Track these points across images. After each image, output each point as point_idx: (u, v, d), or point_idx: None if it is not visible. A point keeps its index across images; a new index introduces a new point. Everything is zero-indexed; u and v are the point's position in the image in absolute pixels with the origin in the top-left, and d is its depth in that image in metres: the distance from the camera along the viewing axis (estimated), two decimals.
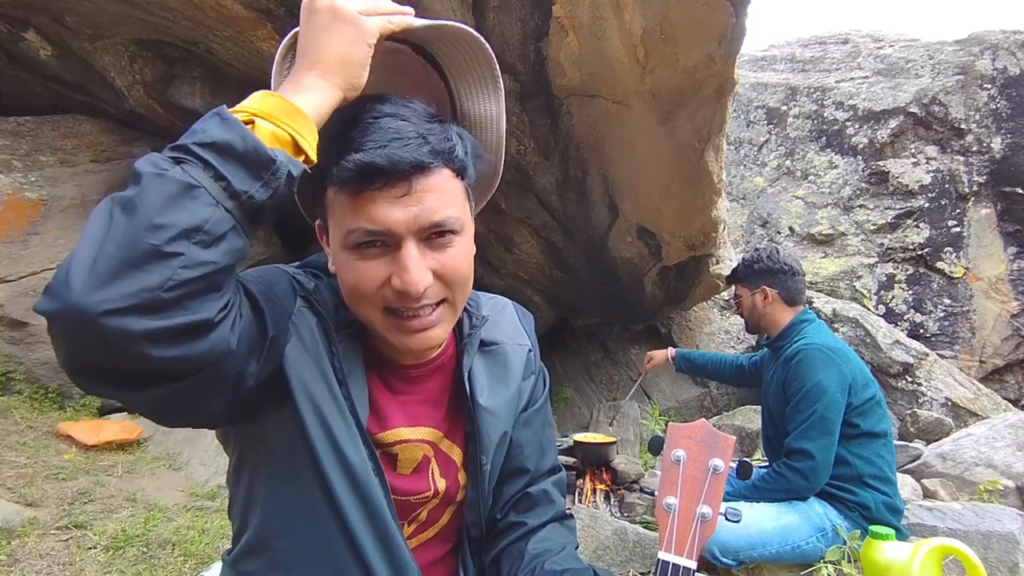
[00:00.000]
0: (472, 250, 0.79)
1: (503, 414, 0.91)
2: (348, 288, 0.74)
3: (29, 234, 3.23)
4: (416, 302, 0.72)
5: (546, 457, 1.00)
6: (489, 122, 0.85)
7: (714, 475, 0.82)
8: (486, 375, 0.90)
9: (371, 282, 0.71)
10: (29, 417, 2.98)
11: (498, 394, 0.90)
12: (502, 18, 2.54)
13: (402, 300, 0.71)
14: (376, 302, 0.73)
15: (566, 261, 4.25)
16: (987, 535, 2.16)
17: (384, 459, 0.82)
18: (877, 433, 2.02)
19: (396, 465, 0.85)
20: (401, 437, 0.84)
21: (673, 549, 0.78)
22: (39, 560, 1.95)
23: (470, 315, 0.93)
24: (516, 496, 0.95)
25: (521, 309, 1.03)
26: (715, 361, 2.77)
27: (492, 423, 0.89)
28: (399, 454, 0.85)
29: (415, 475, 0.86)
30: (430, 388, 0.88)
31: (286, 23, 2.62)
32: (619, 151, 3.21)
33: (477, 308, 0.95)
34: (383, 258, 0.71)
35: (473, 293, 0.96)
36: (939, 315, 5.48)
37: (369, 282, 0.71)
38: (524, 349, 0.98)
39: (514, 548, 0.91)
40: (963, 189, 5.60)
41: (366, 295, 0.72)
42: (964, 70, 5.77)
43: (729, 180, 6.50)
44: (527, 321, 1.02)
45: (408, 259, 0.69)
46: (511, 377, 0.93)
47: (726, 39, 2.53)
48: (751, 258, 2.35)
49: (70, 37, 3.33)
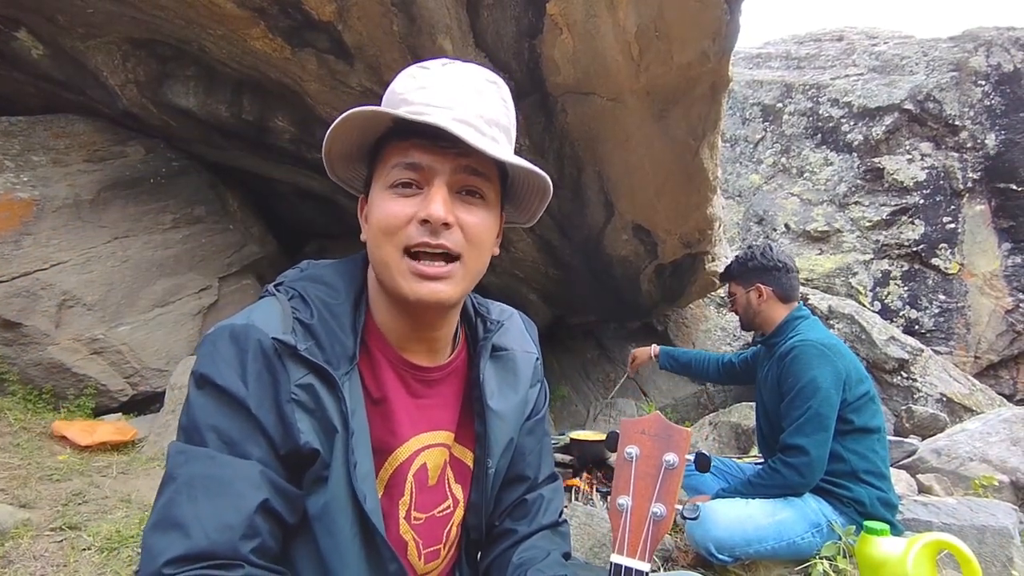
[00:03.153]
0: (494, 229, 0.83)
1: (511, 419, 0.92)
2: (379, 226, 0.76)
3: (22, 234, 3.21)
4: (435, 237, 0.74)
5: (544, 465, 1.02)
6: None
7: (668, 471, 0.79)
8: (496, 380, 0.91)
9: (399, 217, 0.74)
10: (23, 418, 2.97)
11: (507, 399, 0.92)
12: (496, 16, 2.53)
13: (423, 233, 0.73)
14: (399, 240, 0.75)
15: (562, 259, 4.25)
16: (981, 530, 2.16)
17: (417, 475, 0.84)
18: (871, 429, 2.03)
19: (427, 475, 0.86)
20: (424, 443, 0.85)
21: (626, 551, 0.76)
22: (33, 562, 1.94)
23: (484, 320, 0.94)
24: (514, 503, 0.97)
25: (526, 319, 1.05)
26: (699, 359, 2.77)
27: (501, 427, 0.90)
28: (427, 462, 0.85)
29: (438, 485, 0.88)
30: (445, 392, 0.89)
31: (279, 21, 2.61)
32: (614, 149, 3.21)
33: (489, 314, 0.96)
34: (415, 198, 0.75)
35: (483, 300, 0.98)
36: (934, 311, 5.49)
37: (397, 217, 0.74)
38: (532, 357, 0.99)
39: (502, 558, 0.92)
40: (958, 185, 5.62)
41: (392, 230, 0.75)
42: (958, 67, 5.79)
43: (725, 177, 6.50)
44: (532, 330, 1.04)
45: (436, 192, 0.74)
46: (520, 383, 0.95)
47: (720, 36, 2.53)
48: (745, 256, 2.35)
49: (62, 36, 3.30)
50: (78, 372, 3.23)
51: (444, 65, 0.78)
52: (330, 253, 4.98)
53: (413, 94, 0.75)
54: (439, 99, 0.74)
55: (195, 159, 4.15)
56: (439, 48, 2.58)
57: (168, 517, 0.64)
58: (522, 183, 0.86)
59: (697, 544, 1.98)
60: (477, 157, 0.75)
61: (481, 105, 0.76)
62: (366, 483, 0.76)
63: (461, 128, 0.71)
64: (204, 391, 0.70)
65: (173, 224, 3.82)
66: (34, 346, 3.14)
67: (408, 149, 0.75)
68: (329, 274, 0.84)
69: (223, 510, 0.65)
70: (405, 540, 0.84)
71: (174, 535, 0.63)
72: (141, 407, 3.48)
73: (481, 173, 0.77)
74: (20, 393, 3.14)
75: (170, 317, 3.61)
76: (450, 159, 0.74)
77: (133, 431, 3.08)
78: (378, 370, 0.83)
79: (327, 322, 0.78)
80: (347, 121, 0.73)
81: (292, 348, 0.73)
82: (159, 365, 3.48)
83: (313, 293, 0.80)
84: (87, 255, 3.37)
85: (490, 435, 0.88)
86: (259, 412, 0.70)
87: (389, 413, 0.82)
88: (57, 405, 3.23)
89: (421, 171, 0.74)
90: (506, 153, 0.77)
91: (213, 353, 0.72)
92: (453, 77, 0.77)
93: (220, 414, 0.69)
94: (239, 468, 0.67)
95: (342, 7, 2.47)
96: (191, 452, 0.68)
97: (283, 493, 0.70)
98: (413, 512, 0.84)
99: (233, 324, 0.74)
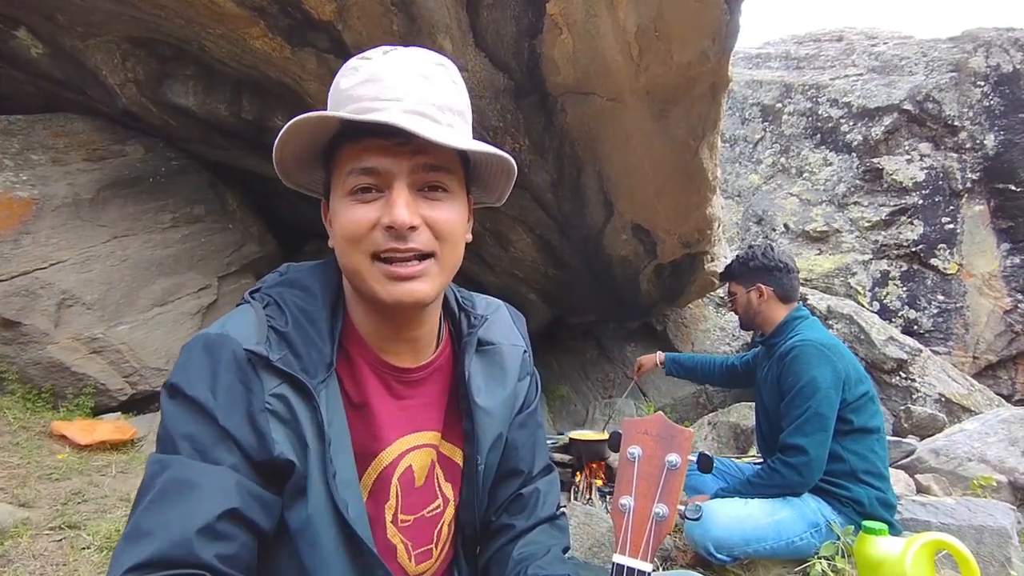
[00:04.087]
0: (463, 220, 0.80)
1: (499, 414, 0.91)
2: (343, 234, 0.74)
3: (21, 233, 3.20)
4: (403, 242, 0.72)
5: (539, 458, 1.00)
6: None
7: (670, 471, 0.78)
8: (483, 375, 0.90)
9: (363, 224, 0.72)
10: (22, 417, 2.96)
11: (494, 394, 0.90)
12: (496, 16, 2.54)
13: (390, 239, 0.72)
14: (366, 247, 0.73)
15: (562, 259, 4.25)
16: (980, 530, 2.17)
17: (403, 478, 0.83)
18: (870, 429, 2.03)
19: (414, 477, 0.85)
20: (409, 445, 0.84)
21: (628, 551, 0.76)
22: (32, 561, 1.94)
23: (468, 315, 0.92)
24: (510, 498, 0.96)
25: (513, 310, 1.03)
26: (704, 363, 2.78)
27: (488, 423, 0.89)
28: (413, 463, 0.85)
29: (426, 485, 0.87)
30: (429, 391, 0.88)
31: (279, 21, 2.61)
32: (614, 149, 3.21)
33: (474, 308, 0.95)
34: (376, 203, 0.73)
35: (468, 293, 0.97)
36: (933, 311, 5.50)
37: (360, 224, 0.72)
38: (519, 350, 0.98)
39: (501, 553, 0.91)
40: (957, 186, 5.62)
41: (357, 237, 0.73)
42: (958, 67, 5.79)
43: (724, 177, 6.50)
44: (520, 322, 1.02)
45: (397, 196, 0.71)
46: (507, 378, 0.93)
47: (720, 36, 2.53)
48: (746, 255, 2.35)
49: (61, 35, 3.30)
50: (77, 371, 3.22)
51: (386, 53, 0.75)
52: (329, 253, 4.96)
53: (359, 89, 0.72)
54: (387, 92, 0.71)
55: (194, 158, 4.15)
56: (439, 48, 2.58)
57: (137, 526, 0.63)
58: (486, 164, 0.83)
59: (696, 544, 1.99)
60: (435, 152, 0.72)
61: (431, 91, 0.73)
62: (348, 491, 0.75)
63: (414, 120, 0.69)
64: (175, 401, 0.70)
65: (172, 223, 3.82)
66: (33, 345, 3.14)
67: (361, 153, 0.72)
68: (306, 278, 0.82)
69: (188, 516, 0.63)
70: (393, 544, 0.83)
71: (141, 543, 0.62)
72: (140, 406, 3.48)
73: (441, 167, 0.74)
74: (19, 392, 3.13)
75: (169, 316, 3.61)
76: (407, 158, 0.72)
77: (132, 430, 3.08)
78: (358, 374, 0.81)
79: (303, 328, 0.76)
80: (294, 129, 0.70)
81: (265, 359, 0.71)
82: (158, 364, 3.48)
83: (289, 299, 0.79)
84: (86, 254, 3.37)
85: (478, 432, 0.87)
86: (227, 423, 0.68)
87: (370, 418, 0.81)
88: (56, 404, 3.23)
89: (378, 175, 0.72)
90: (464, 139, 0.75)
91: (186, 364, 0.71)
92: (398, 65, 0.73)
93: (191, 423, 0.68)
94: (210, 474, 0.66)
95: (342, 7, 2.47)
96: (165, 461, 0.67)
97: (258, 499, 0.68)
98: (400, 515, 0.83)
99: (208, 334, 0.73)
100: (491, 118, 2.97)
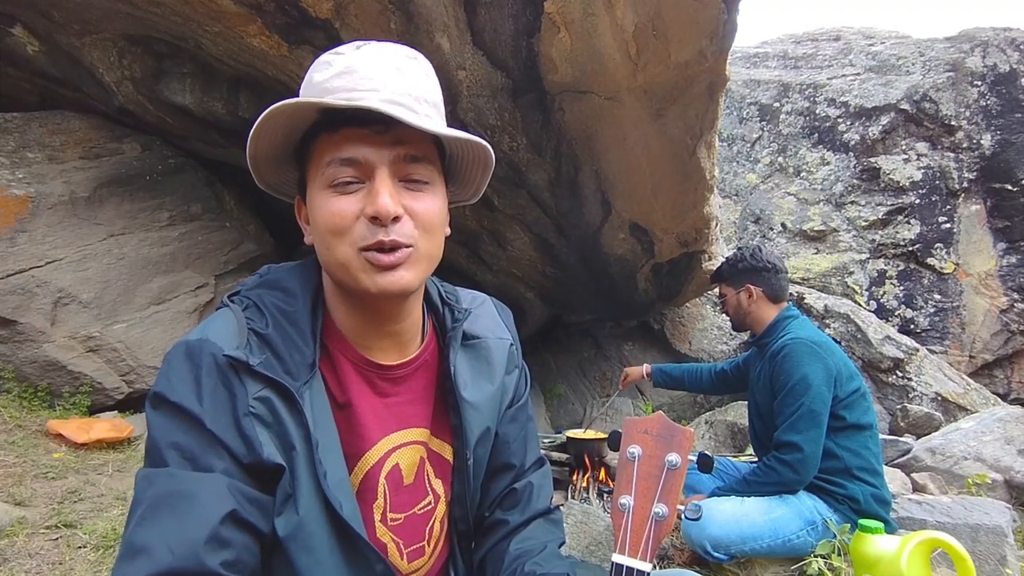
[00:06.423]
0: (444, 212, 0.80)
1: (486, 408, 0.90)
2: (327, 227, 0.73)
3: (17, 231, 3.19)
4: (387, 234, 0.71)
5: (531, 451, 1.00)
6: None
7: (670, 471, 0.78)
8: (469, 369, 0.90)
9: (346, 215, 0.72)
10: (18, 416, 2.96)
11: (481, 388, 0.90)
12: (493, 14, 2.53)
13: (374, 231, 0.71)
14: (352, 239, 0.72)
15: (559, 258, 4.25)
16: (975, 528, 2.18)
17: (390, 476, 0.83)
18: (863, 425, 2.04)
19: (402, 475, 0.84)
20: (395, 443, 0.84)
21: (627, 551, 0.76)
22: (28, 559, 1.94)
23: (452, 309, 0.92)
24: (503, 492, 0.95)
25: (499, 304, 1.03)
26: (691, 372, 2.80)
27: (475, 417, 0.88)
28: (400, 461, 0.84)
29: (415, 483, 0.86)
30: (415, 387, 0.87)
31: (276, 19, 2.60)
32: (611, 147, 3.21)
33: (458, 302, 0.94)
34: (358, 194, 0.72)
35: (452, 288, 0.97)
36: (929, 311, 5.52)
37: (344, 216, 0.72)
38: (506, 343, 0.97)
39: (497, 549, 0.91)
40: (953, 185, 5.64)
41: (341, 229, 0.72)
42: (955, 67, 5.80)
43: (722, 176, 6.51)
44: (506, 316, 1.02)
45: (381, 185, 0.71)
46: (494, 371, 0.93)
47: (718, 35, 2.53)
48: (735, 257, 2.38)
49: (57, 32, 3.29)
50: (73, 370, 3.22)
51: (359, 48, 0.75)
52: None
53: (334, 81, 0.72)
54: (363, 83, 0.71)
55: (192, 156, 4.14)
56: (436, 46, 2.57)
57: (133, 544, 0.62)
58: (462, 157, 0.83)
59: (693, 542, 1.99)
60: (414, 143, 0.73)
61: (407, 83, 0.73)
62: (340, 490, 0.74)
63: (393, 109, 0.68)
64: (160, 410, 0.69)
65: (169, 221, 3.81)
66: (29, 344, 3.13)
67: (341, 143, 0.71)
68: (286, 279, 0.81)
69: (187, 525, 0.62)
70: (384, 543, 0.82)
71: (140, 560, 0.60)
72: (137, 405, 3.47)
73: (421, 159, 0.75)
74: (15, 391, 3.12)
75: (166, 315, 3.60)
76: (387, 148, 0.72)
77: (129, 429, 3.07)
78: (341, 374, 0.81)
79: (284, 330, 0.75)
80: (271, 118, 0.70)
81: (245, 364, 0.71)
82: (155, 363, 3.47)
83: (269, 301, 0.78)
84: (83, 252, 3.36)
85: (465, 426, 0.87)
86: (215, 428, 0.67)
87: (355, 417, 0.80)
88: (52, 403, 3.22)
89: (359, 166, 0.72)
90: (441, 128, 0.75)
91: (169, 371, 0.70)
92: (373, 58, 0.73)
93: (179, 431, 0.67)
94: (203, 482, 0.65)
95: (339, 4, 2.47)
96: (154, 475, 0.66)
97: (254, 501, 0.68)
98: (389, 514, 0.83)
99: (188, 340, 0.72)
100: (488, 116, 2.97)
